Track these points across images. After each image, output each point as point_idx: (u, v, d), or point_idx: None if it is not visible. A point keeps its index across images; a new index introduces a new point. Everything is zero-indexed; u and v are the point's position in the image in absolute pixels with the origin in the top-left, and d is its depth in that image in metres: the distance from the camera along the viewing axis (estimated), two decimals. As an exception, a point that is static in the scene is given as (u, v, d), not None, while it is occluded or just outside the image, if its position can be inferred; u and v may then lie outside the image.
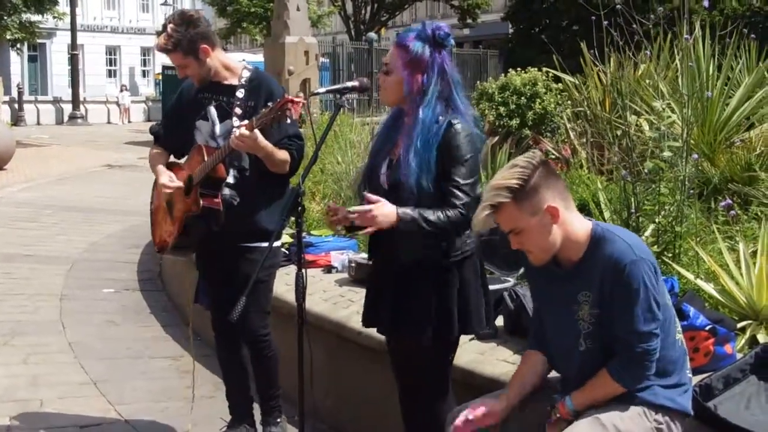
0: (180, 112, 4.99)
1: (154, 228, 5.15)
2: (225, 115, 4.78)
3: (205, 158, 4.63)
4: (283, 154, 4.68)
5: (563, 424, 3.32)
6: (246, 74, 4.85)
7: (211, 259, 4.95)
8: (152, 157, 5.06)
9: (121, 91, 45.74)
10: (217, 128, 4.79)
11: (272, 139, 4.56)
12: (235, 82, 4.82)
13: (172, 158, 5.08)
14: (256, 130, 4.39)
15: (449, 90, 3.89)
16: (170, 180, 4.81)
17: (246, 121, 4.45)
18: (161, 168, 4.91)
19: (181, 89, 5.07)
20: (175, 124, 5.02)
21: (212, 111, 4.82)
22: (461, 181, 3.77)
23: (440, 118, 3.82)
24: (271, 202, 4.80)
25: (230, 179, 4.71)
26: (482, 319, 4.05)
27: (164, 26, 4.73)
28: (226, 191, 4.69)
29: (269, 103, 4.32)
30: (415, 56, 3.82)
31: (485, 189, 3.32)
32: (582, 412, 3.30)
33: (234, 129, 4.54)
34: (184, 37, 4.70)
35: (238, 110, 4.74)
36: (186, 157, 4.90)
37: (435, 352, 4.00)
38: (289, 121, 4.40)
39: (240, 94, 4.78)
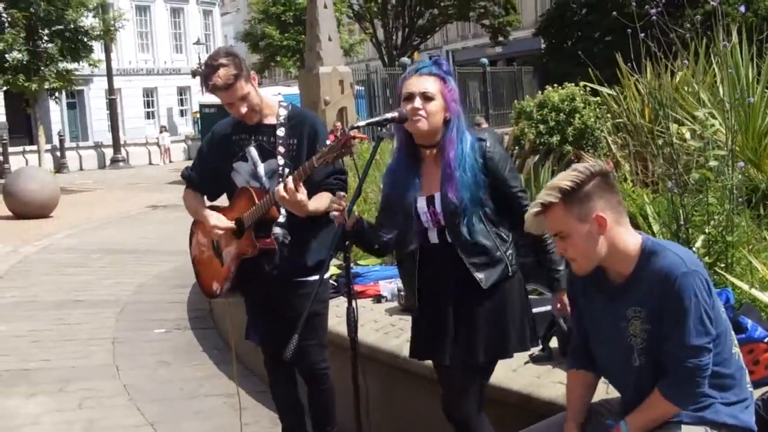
0: (214, 155, 4.92)
1: (201, 275, 5.10)
2: (267, 154, 4.75)
3: (256, 201, 4.62)
4: (326, 203, 4.61)
5: None
6: (283, 112, 4.82)
7: (262, 297, 4.93)
8: (189, 201, 5.01)
9: (161, 132, 46.17)
10: (260, 168, 4.75)
11: (317, 177, 4.53)
12: (273, 120, 4.80)
13: (207, 201, 5.06)
14: (302, 194, 4.37)
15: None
16: (218, 220, 4.80)
17: (289, 178, 4.36)
18: (207, 211, 4.89)
19: (212, 132, 5.01)
20: (209, 167, 4.96)
21: (252, 151, 4.77)
22: (517, 186, 4.07)
23: (466, 133, 4.06)
24: (319, 235, 4.78)
25: (281, 218, 4.69)
26: (526, 340, 4.11)
27: (211, 66, 4.59)
28: (277, 230, 4.68)
29: (328, 141, 4.24)
30: (452, 87, 4.05)
31: (543, 188, 3.35)
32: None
33: (283, 172, 4.57)
34: (241, 64, 4.62)
35: (281, 149, 4.71)
36: (231, 200, 4.87)
37: (473, 376, 4.04)
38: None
39: (281, 132, 4.75)
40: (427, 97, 3.96)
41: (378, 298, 6.49)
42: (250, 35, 46.69)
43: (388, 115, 4.09)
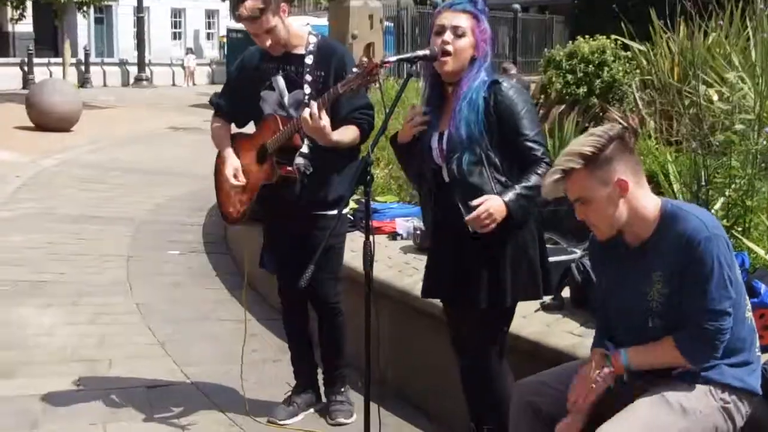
0: (243, 83, 4.93)
1: (222, 200, 5.12)
2: (294, 84, 4.74)
3: (281, 128, 4.63)
4: (350, 135, 4.65)
5: (611, 379, 3.30)
6: (313, 40, 4.80)
7: (280, 226, 4.96)
8: (215, 131, 5.03)
9: (187, 53, 45.98)
10: (286, 98, 4.76)
11: (343, 111, 4.53)
12: (302, 50, 4.78)
13: (234, 129, 5.07)
14: (325, 120, 4.37)
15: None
16: (234, 174, 4.81)
17: (314, 104, 4.39)
18: (228, 152, 4.90)
19: (242, 58, 5.00)
20: (238, 94, 4.97)
21: (279, 81, 4.77)
22: (530, 133, 3.89)
23: (485, 75, 3.99)
24: (342, 170, 4.80)
25: (304, 148, 4.71)
26: (537, 288, 4.06)
27: None
28: (300, 160, 4.70)
29: (354, 69, 4.25)
30: (484, 27, 3.99)
31: (561, 153, 3.30)
32: (633, 375, 3.29)
33: (309, 103, 4.52)
34: None
35: (308, 77, 4.71)
36: (257, 127, 4.89)
37: (489, 320, 4.02)
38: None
39: (309, 61, 4.73)
40: (457, 33, 3.93)
41: (394, 236, 6.52)
42: (282, -37, 46.22)
43: (419, 53, 4.06)
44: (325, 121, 4.38)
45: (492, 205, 3.74)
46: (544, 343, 4.41)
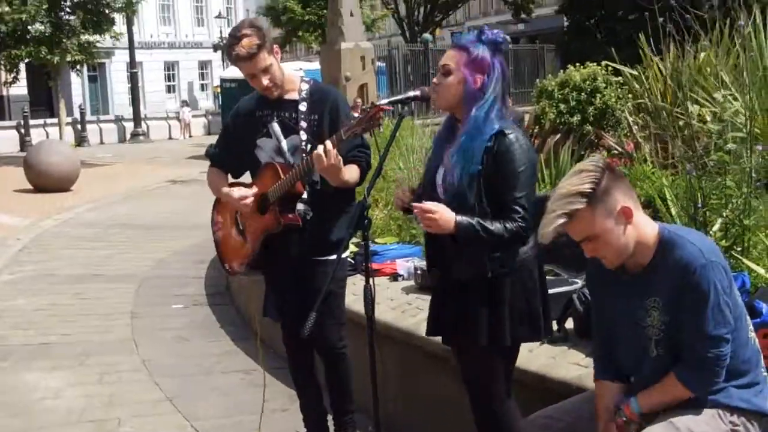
0: (239, 131, 4.94)
1: (222, 252, 5.12)
2: (290, 130, 4.76)
3: (281, 176, 4.64)
4: (355, 175, 4.66)
5: (630, 427, 3.30)
6: (305, 87, 4.83)
7: (281, 273, 4.94)
8: (212, 180, 5.03)
9: (182, 107, 46.28)
10: (284, 144, 4.76)
11: (342, 151, 4.55)
12: (295, 96, 4.81)
13: (230, 179, 5.09)
14: (340, 159, 4.38)
15: (504, 94, 3.94)
16: (244, 192, 4.79)
17: (328, 141, 4.34)
18: (227, 189, 4.88)
19: (237, 107, 5.03)
20: (234, 143, 4.98)
21: (275, 127, 4.78)
22: (517, 195, 3.77)
23: (495, 122, 3.84)
24: (341, 213, 4.80)
25: (304, 194, 4.73)
26: (538, 327, 4.01)
27: (234, 36, 4.61)
28: (300, 206, 4.70)
29: (355, 115, 4.27)
30: (476, 57, 3.87)
31: (552, 199, 3.25)
32: (648, 414, 3.28)
33: (306, 148, 4.56)
34: (263, 37, 4.61)
35: (303, 124, 4.73)
36: (255, 176, 4.89)
37: (491, 358, 3.99)
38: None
39: (303, 107, 4.76)
40: (446, 71, 3.91)
41: (395, 277, 6.52)
42: (272, 9, 46.61)
43: (411, 94, 4.09)
44: (340, 159, 4.39)
45: (442, 216, 3.73)
46: (551, 376, 4.41)
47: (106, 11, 31.90)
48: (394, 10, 46.32)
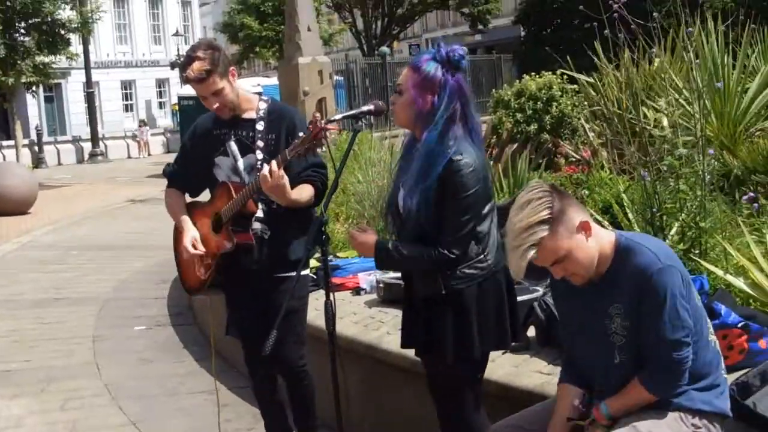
0: (196, 150, 4.93)
1: (183, 271, 5.10)
2: (246, 149, 4.76)
3: (234, 195, 4.63)
4: (307, 194, 4.64)
5: (598, 430, 3.33)
6: (263, 106, 4.83)
7: (241, 293, 4.92)
8: (170, 203, 5.01)
9: (140, 126, 46.17)
10: (240, 163, 4.76)
11: (295, 170, 4.55)
12: (253, 115, 4.81)
13: (188, 198, 5.07)
14: (285, 178, 4.38)
15: (463, 111, 3.87)
16: (193, 244, 4.78)
17: (273, 161, 4.35)
18: (185, 221, 4.87)
19: (195, 126, 5.02)
20: (191, 162, 4.96)
21: (232, 146, 4.78)
22: (452, 218, 3.76)
23: (450, 143, 3.80)
24: (300, 230, 4.78)
25: (259, 213, 4.72)
26: (505, 337, 4.02)
27: (189, 57, 4.61)
28: (257, 225, 4.70)
29: (300, 133, 4.28)
30: (426, 76, 3.81)
31: (511, 237, 3.23)
32: (617, 418, 3.30)
33: (262, 167, 4.54)
34: (218, 59, 4.62)
35: (260, 143, 4.73)
36: (210, 196, 4.88)
37: (459, 371, 4.00)
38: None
39: (260, 126, 4.76)
40: (399, 91, 3.90)
41: (357, 291, 6.53)
42: (229, 26, 46.52)
43: (364, 108, 4.10)
44: (285, 179, 4.39)
45: (363, 240, 3.88)
46: (515, 385, 4.43)
47: (62, 32, 31.62)
48: (351, 24, 46.42)
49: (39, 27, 30.93)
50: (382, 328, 5.54)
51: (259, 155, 4.70)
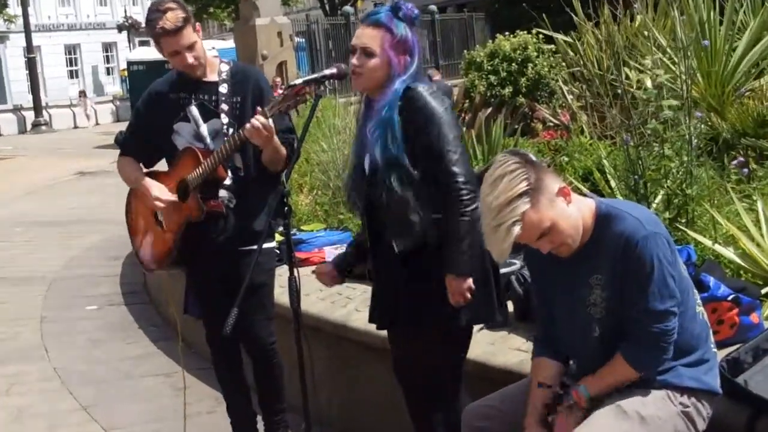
0: (152, 117, 4.86)
1: (139, 246, 5.05)
2: (210, 113, 4.72)
3: (201, 161, 4.59)
4: (284, 150, 4.65)
5: (578, 413, 3.33)
6: (225, 68, 4.80)
7: (204, 267, 4.88)
8: (125, 169, 4.94)
9: (79, 96, 44.95)
10: (203, 129, 4.72)
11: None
12: (214, 77, 4.77)
13: (143, 168, 5.02)
14: (270, 121, 4.35)
15: (420, 68, 4.02)
16: (161, 191, 4.75)
17: (258, 114, 4.32)
18: (148, 180, 4.82)
19: (149, 91, 4.95)
20: (147, 130, 4.90)
21: (194, 110, 4.73)
22: (442, 143, 3.79)
23: None
24: (265, 200, 4.77)
25: (227, 180, 4.69)
26: (493, 307, 4.04)
27: (158, 11, 4.55)
28: (223, 193, 4.68)
29: (280, 90, 4.25)
30: (401, 38, 3.90)
31: (490, 216, 3.18)
32: (599, 399, 3.31)
33: (227, 132, 4.56)
34: (188, 11, 4.60)
35: (224, 106, 4.70)
36: (173, 163, 4.82)
37: (443, 349, 4.00)
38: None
39: (223, 89, 4.72)
40: (368, 53, 3.91)
41: (323, 266, 6.50)
42: (180, -15, 46.13)
43: (326, 72, 4.11)
44: (271, 123, 4.36)
45: (454, 290, 3.80)
46: (492, 364, 4.44)
47: (-2, -8, 31.30)
48: (312, -19, 46.19)
49: (-27, -13, 30.59)
50: (349, 305, 5.53)
51: (224, 119, 4.68)
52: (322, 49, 25.51)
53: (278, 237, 6.34)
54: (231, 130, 4.62)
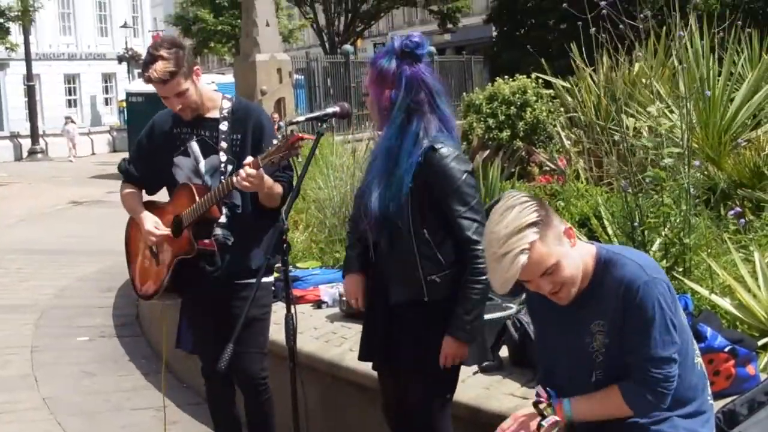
0: (154, 148, 4.89)
1: (135, 275, 5.05)
2: (209, 150, 4.74)
3: (196, 198, 4.60)
4: (279, 188, 4.65)
5: (554, 428, 3.27)
6: (227, 105, 4.80)
7: (200, 301, 4.87)
8: (126, 198, 4.96)
9: (66, 123, 42.70)
10: (202, 165, 4.74)
11: (265, 171, 4.52)
12: (216, 114, 4.78)
13: (145, 196, 5.02)
14: (263, 173, 4.35)
15: (429, 101, 3.91)
16: (156, 226, 4.76)
17: (247, 165, 4.33)
18: (145, 213, 4.84)
19: (152, 123, 4.97)
20: (148, 161, 4.92)
21: (194, 146, 4.76)
22: (462, 209, 3.80)
23: (420, 135, 3.85)
24: (263, 237, 4.76)
25: (222, 218, 4.68)
26: (484, 352, 4.05)
27: (151, 56, 4.57)
28: (218, 231, 4.66)
29: (274, 141, 4.23)
30: (380, 72, 3.88)
31: (495, 246, 3.12)
32: (577, 423, 3.27)
33: (225, 169, 4.58)
34: (182, 59, 4.59)
35: (223, 144, 4.71)
36: (171, 196, 4.84)
37: (432, 390, 3.98)
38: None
39: (224, 127, 4.74)
40: (365, 93, 3.95)
41: (318, 304, 6.49)
42: (181, 18, 46.38)
43: (329, 110, 4.09)
44: (263, 174, 4.36)
45: (450, 353, 3.85)
46: (485, 408, 4.41)
47: (0, 20, 31.34)
48: (312, 20, 46.33)
49: (-24, 15, 30.67)
50: (344, 344, 5.51)
51: (223, 157, 4.68)
52: (321, 87, 25.58)
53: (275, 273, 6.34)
54: (230, 168, 4.63)
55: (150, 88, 4.75)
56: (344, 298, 6.09)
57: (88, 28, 57.11)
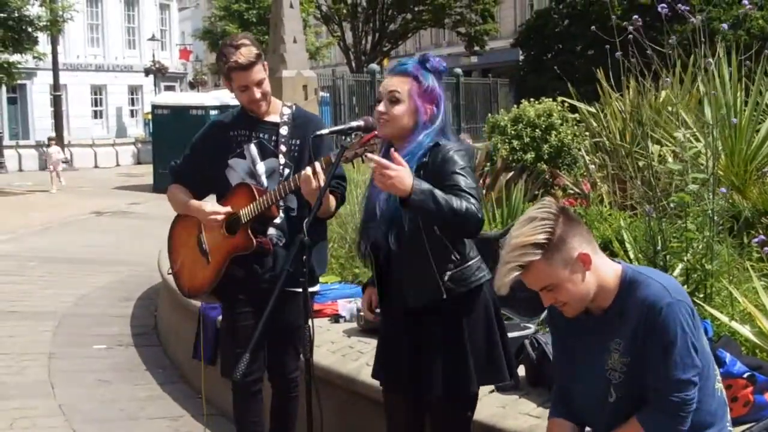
0: (209, 150, 4.95)
1: (181, 273, 5.08)
2: (267, 152, 4.83)
3: (256, 197, 4.66)
4: (333, 203, 4.72)
5: None
6: (287, 111, 4.92)
7: (246, 305, 4.88)
8: (176, 195, 4.99)
9: (48, 145, 34.37)
10: (259, 167, 4.82)
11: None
12: (275, 118, 4.88)
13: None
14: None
15: (448, 123, 4.10)
16: (216, 207, 4.80)
17: (316, 163, 4.40)
18: (197, 202, 4.90)
19: (210, 124, 5.14)
20: (199, 163, 4.97)
21: (252, 149, 4.84)
22: (464, 186, 3.77)
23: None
24: (314, 243, 4.76)
25: (278, 219, 4.75)
26: (502, 368, 4.03)
27: (232, 46, 4.71)
28: (272, 231, 4.73)
29: (348, 139, 4.23)
30: (428, 88, 3.96)
31: (506, 249, 3.21)
32: None
33: (283, 172, 4.70)
34: (260, 48, 4.74)
35: (283, 147, 4.80)
36: (225, 196, 4.87)
37: (453, 410, 3.98)
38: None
39: (284, 131, 4.83)
40: (393, 99, 3.95)
41: (336, 318, 6.50)
42: (209, 33, 46.62)
43: (353, 124, 4.10)
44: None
45: (399, 175, 3.63)
46: (501, 427, 4.41)
47: (29, 29, 31.51)
48: (340, 37, 46.53)
49: (5, 23, 30.80)
50: (361, 359, 5.52)
51: (282, 160, 4.79)
52: (346, 105, 25.66)
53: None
54: (287, 171, 4.74)
55: (175, 100, 4.81)
56: (362, 313, 6.11)
57: (116, 40, 57.42)
